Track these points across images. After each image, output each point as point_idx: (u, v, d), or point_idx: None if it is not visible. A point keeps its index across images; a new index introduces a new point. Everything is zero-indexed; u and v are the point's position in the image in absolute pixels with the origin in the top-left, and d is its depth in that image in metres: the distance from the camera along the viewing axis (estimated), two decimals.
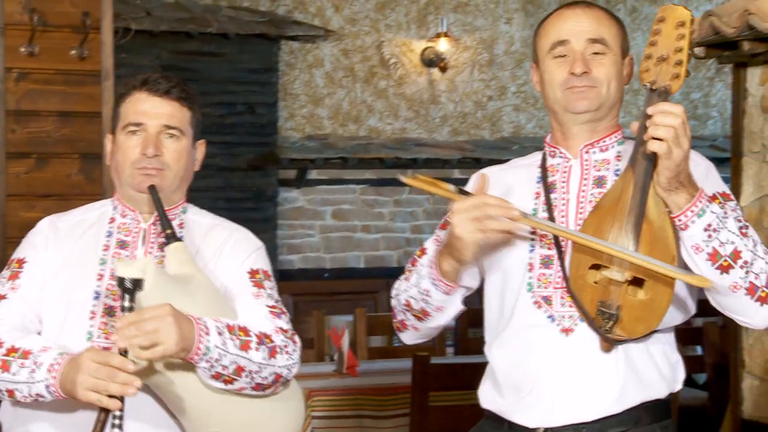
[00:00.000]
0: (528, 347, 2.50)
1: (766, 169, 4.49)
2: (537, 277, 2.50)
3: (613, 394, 2.45)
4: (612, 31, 2.54)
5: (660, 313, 2.38)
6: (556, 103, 2.54)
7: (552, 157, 2.60)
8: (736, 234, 2.34)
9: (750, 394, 4.59)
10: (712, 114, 9.64)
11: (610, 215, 2.38)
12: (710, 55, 4.61)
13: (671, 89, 2.33)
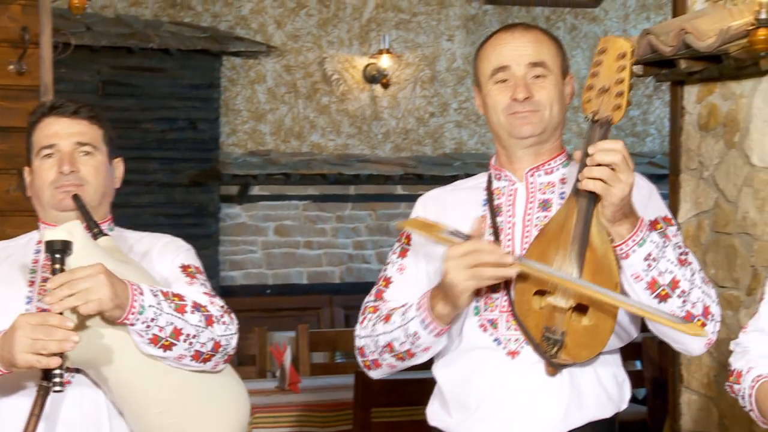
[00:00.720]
0: (475, 367, 2.52)
1: (703, 186, 4.54)
2: (484, 300, 2.51)
3: (558, 415, 2.48)
4: (551, 52, 2.56)
5: (604, 338, 2.41)
6: (500, 127, 2.56)
7: (497, 180, 2.62)
8: (674, 263, 2.38)
9: (688, 408, 4.64)
10: (651, 131, 9.74)
11: (555, 242, 2.40)
12: (648, 73, 4.66)
13: (613, 120, 2.36)
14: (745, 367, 2.52)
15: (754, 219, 4.22)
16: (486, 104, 2.58)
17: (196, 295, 2.56)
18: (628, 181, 2.27)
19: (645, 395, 6.28)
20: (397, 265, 2.65)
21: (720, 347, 4.39)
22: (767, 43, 3.81)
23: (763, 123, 4.19)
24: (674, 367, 4.70)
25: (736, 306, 4.33)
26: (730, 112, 4.37)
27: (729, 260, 4.37)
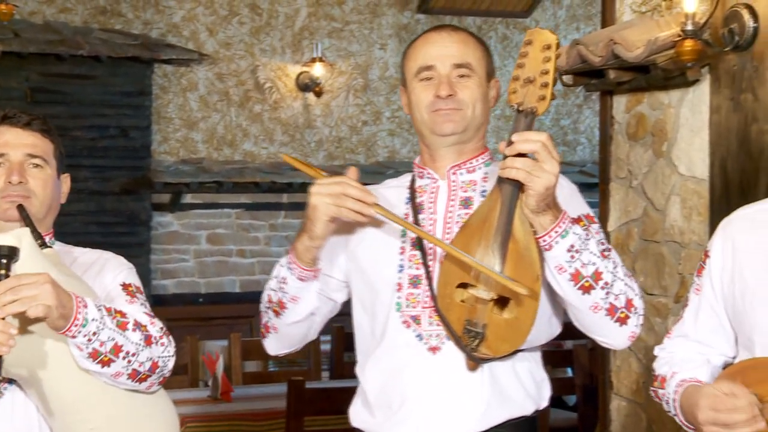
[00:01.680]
0: (397, 366, 2.53)
1: (632, 194, 4.60)
2: (405, 296, 2.54)
3: (478, 411, 2.50)
4: (477, 55, 2.60)
5: (524, 332, 2.43)
6: (423, 125, 2.59)
7: (420, 178, 2.64)
8: (597, 255, 2.41)
9: (618, 415, 4.69)
10: (581, 140, 9.84)
11: (477, 234, 2.42)
12: (578, 83, 4.71)
13: (538, 110, 2.39)
14: (669, 372, 2.56)
15: (682, 227, 4.29)
16: (411, 102, 2.62)
17: (137, 314, 2.55)
18: (553, 171, 2.29)
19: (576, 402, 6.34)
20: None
21: (648, 354, 4.45)
22: (694, 54, 3.87)
23: (690, 132, 4.25)
24: (604, 373, 4.75)
25: (664, 313, 4.39)
26: (658, 121, 4.43)
27: (657, 268, 4.43)
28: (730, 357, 2.54)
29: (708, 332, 2.55)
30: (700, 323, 2.56)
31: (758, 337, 2.39)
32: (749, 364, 2.40)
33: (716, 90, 4.08)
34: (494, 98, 2.65)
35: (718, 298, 2.51)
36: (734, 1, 3.89)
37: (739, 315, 2.46)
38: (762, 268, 2.41)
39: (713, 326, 2.54)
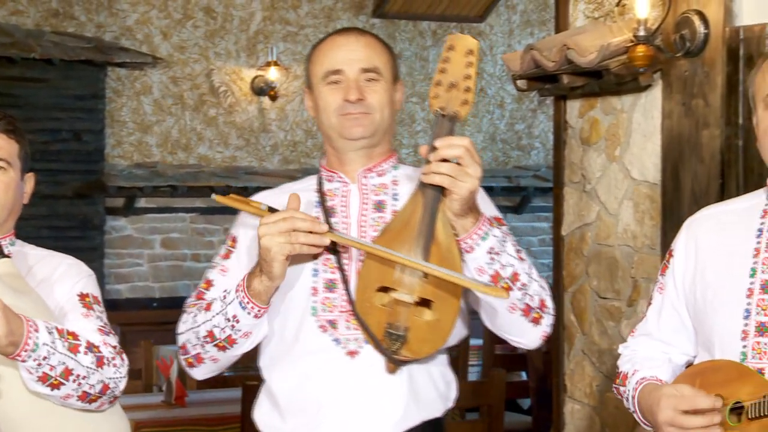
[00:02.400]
0: (313, 371, 2.53)
1: (586, 198, 4.62)
2: (321, 301, 2.53)
3: (397, 414, 2.52)
4: (383, 59, 2.62)
5: (446, 333, 2.47)
6: (331, 128, 2.59)
7: (329, 181, 2.64)
8: (515, 257, 2.46)
9: (572, 418, 4.71)
10: (536, 144, 9.89)
11: (399, 237, 2.44)
12: (532, 88, 4.73)
13: (460, 115, 2.41)
14: (631, 369, 2.57)
15: (635, 231, 4.32)
16: (317, 106, 2.61)
17: (91, 333, 2.53)
18: (476, 175, 2.33)
19: (530, 405, 6.37)
20: (220, 266, 2.64)
21: (602, 358, 4.48)
22: (646, 60, 3.90)
23: (642, 137, 4.28)
24: (558, 377, 4.77)
25: (617, 317, 4.41)
26: (611, 126, 4.46)
27: (611, 272, 4.46)
28: (691, 356, 2.56)
29: (670, 331, 2.57)
30: (663, 322, 2.58)
31: (717, 338, 2.41)
32: (709, 365, 2.42)
33: (668, 95, 4.12)
34: (399, 101, 2.67)
35: (680, 297, 2.53)
36: (685, 8, 3.93)
37: (699, 315, 2.47)
38: (724, 269, 2.43)
39: (675, 325, 2.56)
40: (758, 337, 2.33)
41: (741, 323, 2.36)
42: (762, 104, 2.35)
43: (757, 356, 2.32)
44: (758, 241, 2.40)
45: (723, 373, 2.35)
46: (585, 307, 4.59)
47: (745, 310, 2.36)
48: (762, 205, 2.44)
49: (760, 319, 2.34)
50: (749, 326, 2.35)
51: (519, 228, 9.71)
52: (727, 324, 2.39)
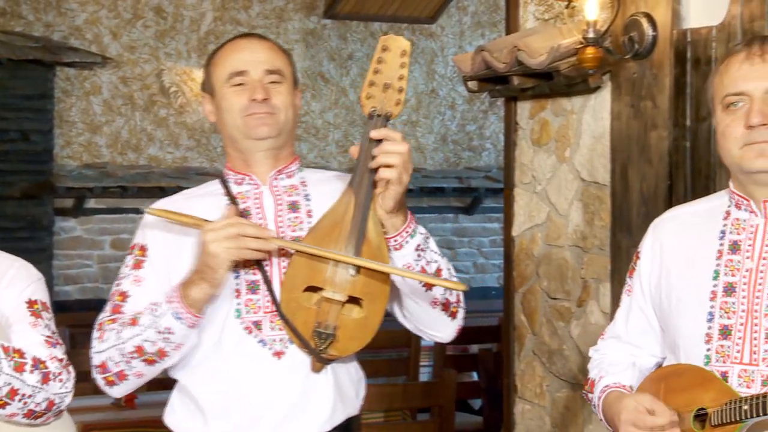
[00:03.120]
0: (240, 373, 2.52)
1: (536, 199, 4.65)
2: (245, 302, 2.53)
3: (326, 413, 2.55)
4: (285, 62, 2.66)
5: (372, 330, 2.50)
6: (236, 129, 2.60)
7: (238, 184, 2.65)
8: (437, 253, 2.53)
9: (522, 418, 4.73)
10: (487, 145, 9.92)
11: (329, 236, 2.47)
12: (483, 89, 4.75)
13: (393, 114, 2.46)
14: (597, 376, 2.59)
15: (585, 232, 4.34)
16: (221, 108, 2.62)
17: (37, 347, 2.52)
18: (410, 173, 2.41)
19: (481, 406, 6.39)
20: (132, 277, 2.60)
21: (552, 358, 4.50)
22: (595, 61, 3.93)
23: (592, 139, 4.31)
24: (509, 377, 4.79)
25: (567, 317, 4.44)
26: (561, 127, 4.49)
27: (561, 272, 4.48)
28: (660, 358, 2.56)
29: (638, 333, 2.58)
30: (631, 324, 2.59)
31: (682, 340, 2.42)
32: (673, 370, 2.43)
33: (617, 97, 4.15)
34: (299, 107, 2.71)
35: (647, 299, 2.54)
36: (634, 10, 3.96)
37: (665, 317, 2.48)
38: (687, 271, 2.44)
39: (643, 327, 2.57)
40: (722, 341, 2.34)
41: (705, 326, 2.37)
42: (720, 106, 2.37)
43: (721, 359, 2.33)
44: (721, 243, 2.41)
45: (686, 378, 2.36)
46: (535, 308, 4.62)
47: (708, 313, 2.37)
48: (724, 207, 2.45)
49: (724, 322, 2.35)
50: (713, 329, 2.36)
51: (470, 229, 9.74)
52: (690, 327, 2.39)
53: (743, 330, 2.32)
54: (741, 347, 2.31)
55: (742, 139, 2.31)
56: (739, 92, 2.33)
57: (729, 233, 2.41)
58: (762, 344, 2.29)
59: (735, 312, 2.33)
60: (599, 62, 3.94)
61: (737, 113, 2.33)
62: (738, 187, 2.42)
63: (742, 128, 2.31)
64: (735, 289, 2.35)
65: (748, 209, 2.39)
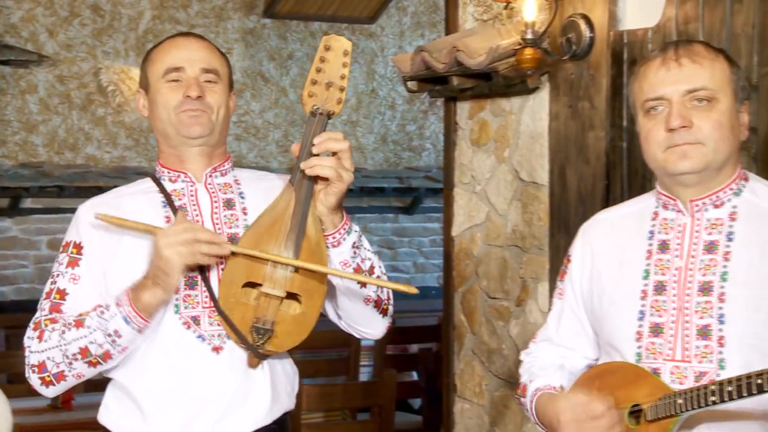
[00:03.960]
0: (179, 369, 2.53)
1: (476, 200, 4.66)
2: (183, 298, 2.53)
3: (264, 408, 2.57)
4: (222, 63, 2.69)
5: (310, 325, 2.53)
6: (169, 126, 2.61)
7: (173, 181, 2.66)
8: (370, 251, 2.58)
9: (461, 417, 4.74)
10: (426, 146, 9.94)
11: (269, 233, 2.49)
12: (423, 89, 4.76)
13: (335, 112, 2.50)
14: (528, 380, 2.62)
15: (523, 232, 4.37)
16: (155, 103, 2.63)
17: None
18: (352, 170, 2.44)
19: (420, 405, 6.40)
20: (69, 275, 2.60)
21: (492, 357, 4.52)
22: (533, 62, 3.95)
23: (530, 139, 4.34)
24: (448, 377, 4.80)
25: (506, 317, 4.46)
26: (500, 128, 4.51)
27: (500, 272, 4.50)
28: (593, 359, 2.60)
29: (571, 336, 2.62)
30: (563, 327, 2.63)
31: (614, 340, 2.45)
32: (606, 368, 2.47)
33: (555, 97, 4.18)
34: (233, 109, 2.73)
35: (579, 301, 2.58)
36: (572, 11, 3.99)
37: (597, 318, 2.52)
38: (618, 272, 2.48)
39: (576, 330, 2.61)
40: (652, 338, 2.38)
41: (636, 325, 2.41)
42: (641, 111, 2.42)
43: (652, 356, 2.37)
44: (650, 243, 2.46)
45: (620, 375, 2.40)
46: (475, 308, 4.63)
47: (639, 311, 2.41)
48: (652, 208, 2.50)
49: (654, 320, 2.39)
50: (643, 327, 2.40)
51: (410, 229, 9.75)
52: (622, 326, 2.44)
53: (675, 327, 2.36)
54: (673, 344, 2.36)
55: (665, 142, 2.37)
56: (658, 97, 2.38)
57: (658, 233, 2.45)
58: (694, 341, 2.33)
59: (666, 310, 2.38)
60: (537, 63, 3.97)
61: (657, 117, 2.38)
62: (664, 188, 2.47)
63: (663, 132, 2.36)
64: (665, 287, 2.39)
65: (675, 209, 2.44)
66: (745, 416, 2.29)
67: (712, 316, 2.33)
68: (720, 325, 2.32)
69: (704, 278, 2.36)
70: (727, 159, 2.39)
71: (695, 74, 2.36)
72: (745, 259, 2.34)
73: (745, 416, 2.29)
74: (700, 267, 2.37)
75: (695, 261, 2.38)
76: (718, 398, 2.19)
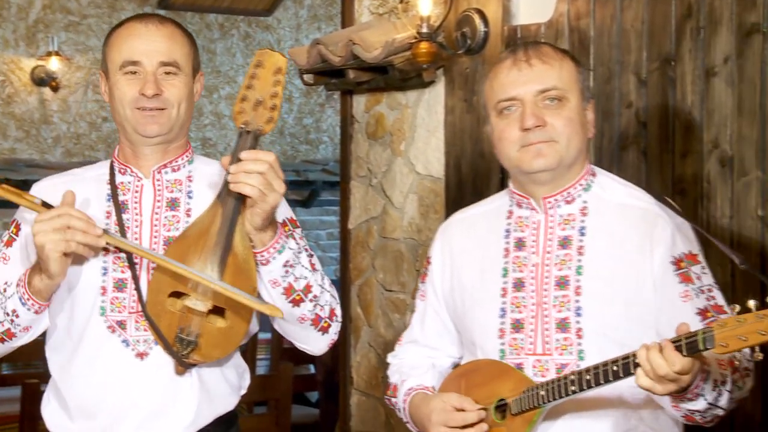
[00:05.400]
0: (102, 373, 2.49)
1: (372, 193, 4.68)
2: (110, 300, 2.49)
3: (189, 417, 2.51)
4: (184, 51, 2.56)
5: (237, 339, 2.48)
6: (126, 121, 2.54)
7: (122, 174, 2.59)
8: (308, 269, 2.48)
9: (357, 409, 4.76)
10: (324, 139, 9.94)
11: (195, 245, 2.42)
12: (319, 82, 4.76)
13: (264, 131, 2.40)
14: (399, 380, 2.65)
15: (419, 225, 4.39)
16: (113, 95, 2.55)
17: None
18: (280, 191, 2.33)
19: (318, 398, 6.40)
20: (1, 254, 2.57)
21: (388, 349, 4.53)
22: (429, 56, 3.98)
23: (426, 132, 4.36)
24: (345, 369, 4.81)
25: (402, 309, 4.48)
26: (396, 121, 4.53)
27: (396, 265, 4.53)
28: (457, 358, 2.65)
29: (435, 336, 2.65)
30: (427, 328, 2.66)
31: (478, 338, 2.50)
32: (471, 367, 2.51)
33: (450, 91, 4.21)
34: (198, 92, 2.63)
35: (441, 302, 2.62)
36: (466, 6, 4.02)
37: (460, 317, 2.56)
38: (478, 271, 2.52)
39: (439, 330, 2.64)
40: (514, 334, 2.44)
41: (497, 322, 2.46)
42: (494, 112, 2.46)
43: (514, 352, 2.43)
44: (507, 242, 2.51)
45: (484, 372, 2.45)
46: (371, 300, 4.65)
47: (500, 309, 2.46)
48: (506, 207, 2.55)
49: (515, 317, 2.44)
50: (505, 324, 2.45)
51: (307, 222, 9.74)
52: (484, 324, 2.48)
53: (535, 322, 2.42)
54: (534, 339, 2.41)
55: (519, 141, 2.42)
56: (511, 97, 2.43)
57: (513, 231, 2.51)
58: (554, 334, 2.39)
59: (525, 306, 2.43)
60: (433, 57, 3.99)
61: (510, 117, 2.43)
62: (518, 187, 2.52)
63: (517, 131, 2.41)
64: (524, 284, 2.45)
65: (529, 207, 2.50)
66: (604, 404, 2.36)
67: (569, 309, 2.39)
68: (577, 318, 2.38)
69: (560, 273, 2.42)
70: (578, 156, 2.45)
71: (546, 74, 2.42)
72: (597, 252, 2.41)
73: (604, 404, 2.36)
74: (556, 262, 2.43)
75: (551, 256, 2.44)
76: (578, 387, 2.25)
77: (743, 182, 3.28)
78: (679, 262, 2.38)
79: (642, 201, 2.47)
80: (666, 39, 3.47)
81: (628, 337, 2.33)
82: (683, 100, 3.42)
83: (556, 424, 2.37)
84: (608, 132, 3.63)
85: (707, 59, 3.35)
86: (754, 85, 3.25)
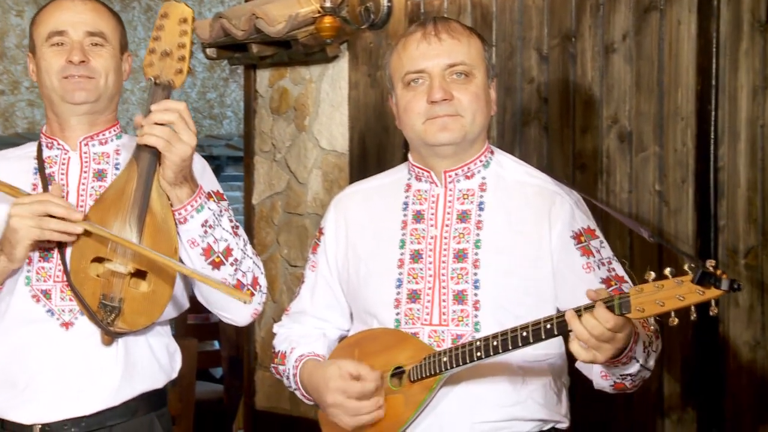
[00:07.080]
0: (25, 342, 2.47)
1: (276, 168, 4.66)
2: (36, 270, 2.48)
3: (112, 387, 2.49)
4: (110, 25, 2.57)
5: (162, 305, 2.45)
6: (53, 91, 2.54)
7: (49, 148, 2.58)
8: (229, 232, 2.47)
9: (262, 385, 4.76)
10: (228, 113, 9.87)
11: (114, 208, 2.41)
12: (222, 57, 4.72)
13: (174, 83, 2.41)
14: (288, 348, 2.64)
15: (324, 200, 4.40)
16: (40, 68, 2.55)
17: None
18: (190, 143, 2.33)
19: (222, 374, 6.38)
20: None
21: None
22: (332, 31, 3.97)
23: (330, 107, 4.36)
24: (249, 345, 4.80)
25: None
26: (300, 96, 4.51)
27: (300, 240, 4.52)
28: (345, 330, 2.66)
29: (324, 307, 2.66)
30: (317, 299, 2.66)
31: (372, 308, 2.51)
32: (367, 335, 2.52)
33: (354, 66, 4.20)
34: (127, 72, 2.63)
35: (333, 274, 2.62)
36: None
37: (353, 289, 2.57)
38: (374, 242, 2.54)
39: (329, 301, 2.65)
40: (410, 304, 2.45)
41: (394, 292, 2.47)
42: (401, 84, 2.47)
43: (410, 322, 2.44)
44: (404, 214, 2.52)
45: (381, 341, 2.46)
46: (276, 276, 4.64)
47: (397, 279, 2.47)
48: (404, 180, 2.57)
49: (412, 287, 2.46)
50: (401, 294, 2.46)
51: None
52: (380, 294, 2.49)
53: (431, 293, 2.44)
54: (430, 310, 2.43)
55: (425, 114, 2.43)
56: (419, 70, 2.44)
57: (412, 204, 2.52)
58: (451, 306, 2.41)
59: (423, 277, 2.45)
60: (336, 32, 3.98)
61: (418, 89, 2.44)
62: (418, 160, 2.53)
63: (424, 103, 2.43)
64: (421, 255, 2.47)
65: (428, 180, 2.52)
66: (501, 371, 2.39)
67: (467, 281, 2.42)
68: (475, 290, 2.41)
69: (459, 246, 2.44)
70: (481, 132, 2.48)
71: (455, 49, 2.44)
72: (496, 227, 2.44)
73: (501, 371, 2.39)
74: (454, 235, 2.45)
75: (449, 230, 2.46)
76: (483, 353, 2.28)
77: (641, 157, 3.34)
78: (579, 237, 2.42)
79: (539, 179, 2.50)
80: (567, 15, 3.51)
81: (524, 310, 2.36)
82: (583, 76, 3.47)
83: (453, 390, 2.40)
84: (510, 107, 3.66)
85: (606, 36, 3.40)
86: (652, 62, 3.31)
